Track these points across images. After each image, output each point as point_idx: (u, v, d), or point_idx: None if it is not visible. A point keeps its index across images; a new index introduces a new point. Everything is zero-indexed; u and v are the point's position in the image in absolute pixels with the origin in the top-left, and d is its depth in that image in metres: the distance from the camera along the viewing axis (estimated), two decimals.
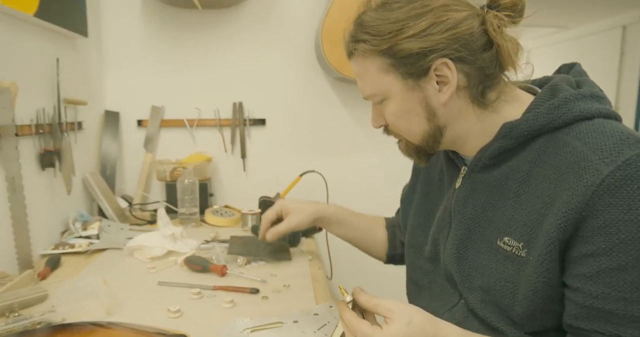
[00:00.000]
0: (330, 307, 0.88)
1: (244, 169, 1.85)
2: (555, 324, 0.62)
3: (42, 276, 1.03)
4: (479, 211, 0.68)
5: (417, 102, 0.66)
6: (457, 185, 0.73)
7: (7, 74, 1.09)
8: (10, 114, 1.05)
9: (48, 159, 1.25)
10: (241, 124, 1.80)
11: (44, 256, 1.20)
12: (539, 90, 0.67)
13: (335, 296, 1.79)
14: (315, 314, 0.85)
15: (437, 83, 0.64)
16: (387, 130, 0.74)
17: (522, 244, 0.61)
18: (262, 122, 1.83)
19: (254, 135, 1.84)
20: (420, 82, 0.65)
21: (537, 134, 0.62)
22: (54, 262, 1.11)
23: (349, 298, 0.65)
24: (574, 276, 0.56)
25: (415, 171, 0.92)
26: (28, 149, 1.18)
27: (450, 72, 0.63)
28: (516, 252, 0.62)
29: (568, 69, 0.71)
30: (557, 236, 0.56)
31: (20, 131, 1.10)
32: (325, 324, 0.80)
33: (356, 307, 0.64)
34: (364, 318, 0.62)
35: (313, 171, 1.71)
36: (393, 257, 1.02)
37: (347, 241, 1.07)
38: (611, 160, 0.53)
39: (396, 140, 0.77)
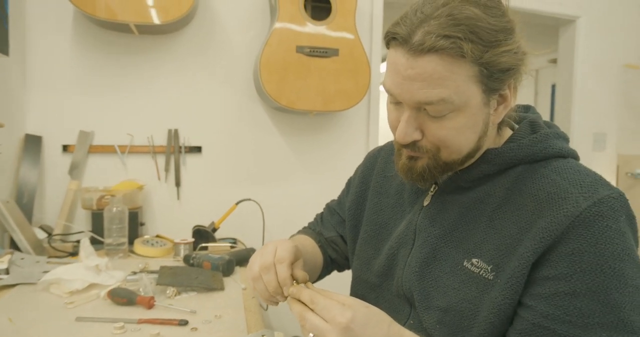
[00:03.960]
0: (263, 336, 0.85)
1: (178, 198, 1.79)
2: None
3: None
4: (446, 230, 0.69)
5: (482, 118, 0.64)
6: (426, 203, 0.75)
7: None
8: None
9: None
10: (176, 151, 1.76)
11: None
12: (513, 124, 0.72)
13: (269, 326, 1.72)
14: None
15: (496, 102, 0.65)
16: (416, 146, 0.65)
17: (491, 267, 0.63)
18: (198, 149, 1.80)
19: (190, 163, 1.80)
20: (490, 99, 0.63)
21: (517, 163, 0.66)
22: None
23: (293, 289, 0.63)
24: (530, 294, 0.60)
25: (365, 180, 0.90)
26: None
27: (510, 93, 0.64)
28: (483, 274, 0.63)
29: (525, 110, 0.77)
30: (531, 259, 0.59)
31: None
32: None
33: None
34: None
35: (249, 199, 1.70)
36: (322, 276, 0.96)
37: None
38: (589, 196, 0.58)
39: (399, 158, 0.70)
